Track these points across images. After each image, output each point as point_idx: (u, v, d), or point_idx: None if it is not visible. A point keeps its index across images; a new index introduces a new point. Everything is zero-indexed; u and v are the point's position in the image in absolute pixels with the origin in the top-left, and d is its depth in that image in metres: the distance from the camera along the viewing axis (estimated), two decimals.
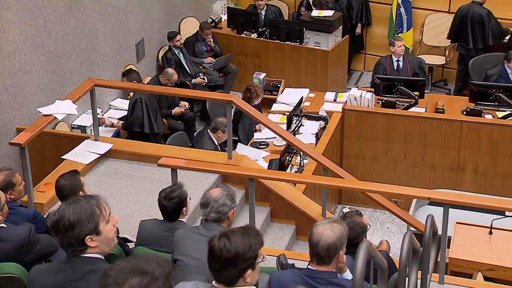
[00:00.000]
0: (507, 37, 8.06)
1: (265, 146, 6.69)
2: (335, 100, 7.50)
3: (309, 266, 2.91)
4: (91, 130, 6.36)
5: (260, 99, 6.98)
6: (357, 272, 2.23)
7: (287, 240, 5.33)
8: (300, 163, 6.25)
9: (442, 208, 4.17)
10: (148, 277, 1.79)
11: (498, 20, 8.04)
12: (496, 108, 6.68)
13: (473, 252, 4.97)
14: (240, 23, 8.72)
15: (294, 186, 5.77)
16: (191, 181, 5.16)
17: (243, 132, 6.91)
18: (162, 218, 3.85)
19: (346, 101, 7.16)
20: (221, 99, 5.92)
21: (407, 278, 3.16)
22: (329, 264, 2.87)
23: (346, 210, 4.82)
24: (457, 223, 5.32)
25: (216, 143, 6.28)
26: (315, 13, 8.34)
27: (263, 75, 8.12)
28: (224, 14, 9.29)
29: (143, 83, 7.26)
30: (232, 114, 6.32)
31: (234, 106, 5.67)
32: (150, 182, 5.28)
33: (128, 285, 1.78)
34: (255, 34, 8.68)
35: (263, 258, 2.46)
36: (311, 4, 8.82)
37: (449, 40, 8.37)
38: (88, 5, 6.76)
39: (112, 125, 6.81)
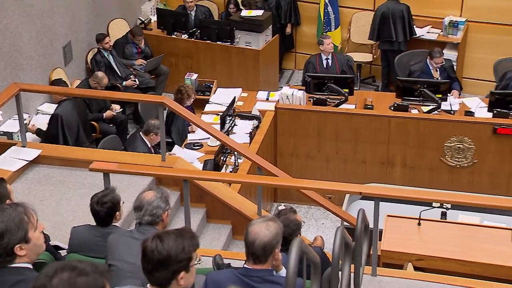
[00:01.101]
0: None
1: (199, 147, 6.67)
2: (267, 99, 7.57)
3: (245, 265, 2.93)
4: (18, 136, 6.16)
5: (192, 99, 6.96)
6: (290, 269, 2.26)
7: (224, 240, 5.34)
8: (235, 162, 6.28)
9: (374, 202, 4.28)
10: (78, 271, 1.81)
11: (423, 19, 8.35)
12: (421, 103, 6.90)
13: (404, 244, 5.12)
14: (170, 24, 8.67)
15: (230, 186, 5.79)
16: (125, 185, 5.09)
17: (176, 134, 6.87)
18: (95, 224, 3.78)
19: (278, 100, 7.24)
20: (153, 101, 5.87)
21: (340, 272, 3.24)
22: (265, 263, 2.90)
23: (281, 207, 4.87)
24: (388, 216, 5.46)
25: (149, 146, 6.22)
26: (245, 13, 8.39)
27: (195, 75, 8.10)
28: (154, 15, 9.20)
29: (72, 87, 7.10)
30: (165, 116, 6.27)
31: (167, 108, 5.63)
32: (81, 188, 5.17)
33: (58, 278, 1.79)
34: (185, 35, 8.64)
35: (199, 260, 2.45)
36: (240, 4, 8.87)
37: (375, 39, 8.58)
38: (10, 7, 6.55)
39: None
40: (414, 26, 8.35)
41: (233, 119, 6.90)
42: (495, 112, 6.56)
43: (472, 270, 4.87)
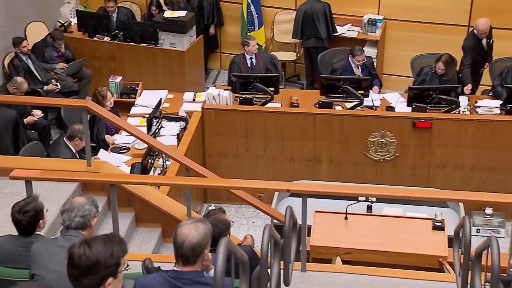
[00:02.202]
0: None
1: (126, 151, 6.58)
2: (194, 100, 7.55)
3: (174, 268, 2.92)
4: None
5: (111, 100, 6.82)
6: (217, 269, 2.28)
7: (154, 243, 5.29)
8: (163, 165, 6.23)
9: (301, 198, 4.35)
10: None
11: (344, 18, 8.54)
12: (344, 100, 7.07)
13: (332, 238, 5.25)
14: (91, 27, 8.49)
15: (158, 188, 5.74)
16: (49, 192, 4.95)
17: (100, 138, 6.74)
18: (17, 234, 3.66)
19: (205, 101, 7.24)
20: (76, 105, 5.74)
21: (269, 270, 3.28)
22: (195, 264, 2.90)
23: (211, 208, 4.88)
24: (315, 211, 5.57)
25: (74, 151, 6.08)
26: (168, 14, 8.33)
27: (119, 78, 7.97)
28: (73, 17, 8.99)
29: None
30: (89, 120, 6.14)
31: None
32: (2, 197, 4.99)
33: None
34: (108, 37, 8.49)
35: (127, 266, 2.43)
36: (163, 3, 8.80)
37: (299, 37, 8.71)
38: None
39: None
40: (335, 24, 8.54)
41: (159, 121, 6.85)
42: (413, 106, 6.80)
43: (396, 260, 5.05)
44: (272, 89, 7.09)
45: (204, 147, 7.13)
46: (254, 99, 7.12)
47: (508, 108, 6.61)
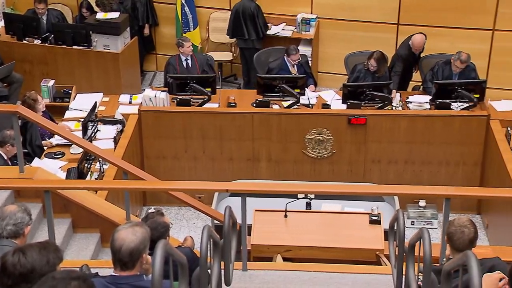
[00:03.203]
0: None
1: (61, 156, 6.43)
2: (130, 103, 7.44)
3: (112, 273, 2.89)
4: None
5: (42, 102, 6.64)
6: (155, 272, 2.27)
7: (92, 249, 5.20)
8: (100, 169, 6.12)
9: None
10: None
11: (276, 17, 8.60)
12: (281, 98, 7.13)
13: (272, 236, 5.30)
14: (20, 29, 8.24)
15: (96, 193, 5.65)
16: None
17: (34, 144, 6.56)
18: None
19: (141, 103, 7.16)
20: (6, 110, 5.57)
21: (210, 270, 3.28)
22: (133, 268, 2.87)
23: (151, 211, 4.84)
24: (256, 210, 5.61)
25: (6, 158, 5.90)
26: (100, 15, 8.19)
27: (51, 82, 7.77)
28: (0, 20, 8.71)
29: None
30: (21, 126, 5.97)
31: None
32: None
33: None
34: (38, 40, 8.27)
35: None
36: (95, 5, 8.65)
37: (230, 36, 8.74)
38: None
39: None
40: (270, 24, 8.59)
41: (95, 124, 6.73)
42: (348, 103, 6.94)
43: (335, 255, 5.14)
44: (209, 89, 7.09)
45: (142, 150, 7.05)
46: (191, 100, 7.10)
47: (438, 103, 6.83)
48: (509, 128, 6.48)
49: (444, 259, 3.43)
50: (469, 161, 6.80)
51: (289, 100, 7.09)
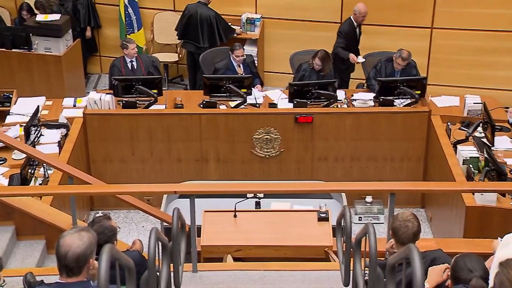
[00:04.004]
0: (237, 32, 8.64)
1: (2, 162, 6.26)
2: (74, 106, 7.32)
3: (58, 280, 2.84)
4: None
5: None
6: (101, 277, 2.24)
7: (38, 256, 5.09)
8: (45, 174, 5.99)
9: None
10: None
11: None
12: (228, 99, 7.14)
13: (222, 237, 5.29)
14: None
15: (41, 199, 5.53)
16: None
17: None
18: None
19: (86, 106, 7.04)
20: None
21: (158, 273, 3.26)
22: (80, 274, 2.82)
23: (98, 215, 4.77)
24: (205, 211, 5.60)
25: None
26: (41, 17, 8.01)
27: None
28: None
29: None
30: None
31: None
32: None
33: None
34: None
35: (3, 282, 2.33)
36: (34, 7, 8.45)
37: (179, 38, 8.69)
38: None
39: None
40: (230, 27, 8.51)
41: (38, 129, 6.58)
42: (295, 102, 7.00)
43: (285, 254, 5.18)
44: (155, 91, 7.04)
45: (88, 154, 6.94)
46: (137, 102, 7.04)
47: (381, 100, 6.98)
48: (449, 123, 6.67)
49: (387, 253, 3.50)
50: (413, 156, 6.96)
51: (236, 100, 7.10)
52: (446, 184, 5.35)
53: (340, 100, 7.12)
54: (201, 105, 7.13)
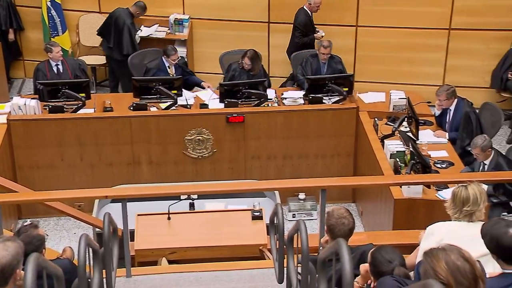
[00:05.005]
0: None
1: None
2: None
3: None
4: None
5: None
6: (27, 287, 2.18)
7: None
8: None
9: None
10: None
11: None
12: (159, 100, 7.08)
13: (156, 240, 5.25)
14: None
15: None
16: None
17: None
18: None
19: (10, 112, 6.82)
20: None
21: (89, 280, 3.20)
22: (6, 286, 2.73)
23: (27, 223, 4.63)
24: (138, 215, 5.54)
25: None
26: None
27: None
28: None
29: None
30: None
31: None
32: None
33: None
34: None
35: None
36: None
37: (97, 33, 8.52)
38: None
39: None
40: (138, 33, 8.38)
41: None
42: (226, 102, 7.02)
43: (221, 254, 5.19)
44: (83, 94, 6.91)
45: (14, 161, 6.73)
46: (65, 106, 6.88)
47: (311, 98, 7.09)
48: (376, 119, 6.85)
49: (322, 248, 3.56)
50: (343, 152, 7.11)
51: (167, 102, 7.05)
52: (374, 179, 5.49)
53: (271, 99, 7.19)
54: (131, 108, 7.04)
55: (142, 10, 8.35)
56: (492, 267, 3.00)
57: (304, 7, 8.05)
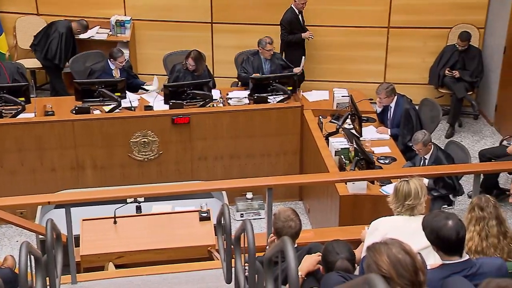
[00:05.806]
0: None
1: None
2: None
3: None
4: None
5: None
6: None
7: None
8: None
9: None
10: None
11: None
12: (102, 103, 6.97)
13: (102, 245, 5.17)
14: None
15: None
16: None
17: None
18: None
19: None
20: None
21: None
22: None
23: None
24: (83, 220, 5.44)
25: None
26: None
27: None
28: None
29: None
30: None
31: None
32: None
33: None
34: None
35: None
36: None
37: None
38: None
39: None
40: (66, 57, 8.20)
41: None
42: (171, 103, 6.97)
43: (169, 256, 5.15)
44: (23, 99, 6.76)
45: None
46: (3, 111, 6.70)
47: (255, 97, 7.12)
48: (320, 117, 6.94)
49: (267, 247, 3.58)
50: (289, 151, 7.16)
51: (110, 104, 6.95)
52: (320, 176, 5.56)
53: (216, 99, 7.19)
54: (74, 111, 6.91)
55: (84, 28, 8.27)
56: (433, 259, 3.09)
57: (292, 5, 8.03)
